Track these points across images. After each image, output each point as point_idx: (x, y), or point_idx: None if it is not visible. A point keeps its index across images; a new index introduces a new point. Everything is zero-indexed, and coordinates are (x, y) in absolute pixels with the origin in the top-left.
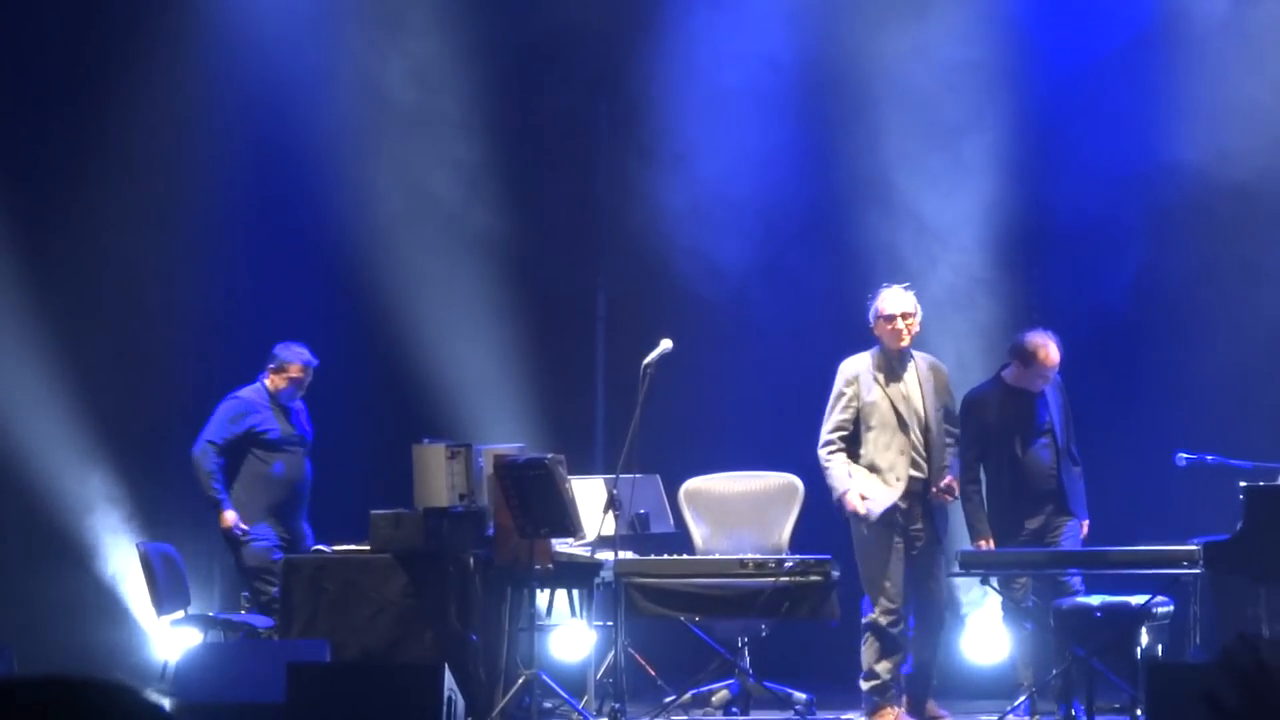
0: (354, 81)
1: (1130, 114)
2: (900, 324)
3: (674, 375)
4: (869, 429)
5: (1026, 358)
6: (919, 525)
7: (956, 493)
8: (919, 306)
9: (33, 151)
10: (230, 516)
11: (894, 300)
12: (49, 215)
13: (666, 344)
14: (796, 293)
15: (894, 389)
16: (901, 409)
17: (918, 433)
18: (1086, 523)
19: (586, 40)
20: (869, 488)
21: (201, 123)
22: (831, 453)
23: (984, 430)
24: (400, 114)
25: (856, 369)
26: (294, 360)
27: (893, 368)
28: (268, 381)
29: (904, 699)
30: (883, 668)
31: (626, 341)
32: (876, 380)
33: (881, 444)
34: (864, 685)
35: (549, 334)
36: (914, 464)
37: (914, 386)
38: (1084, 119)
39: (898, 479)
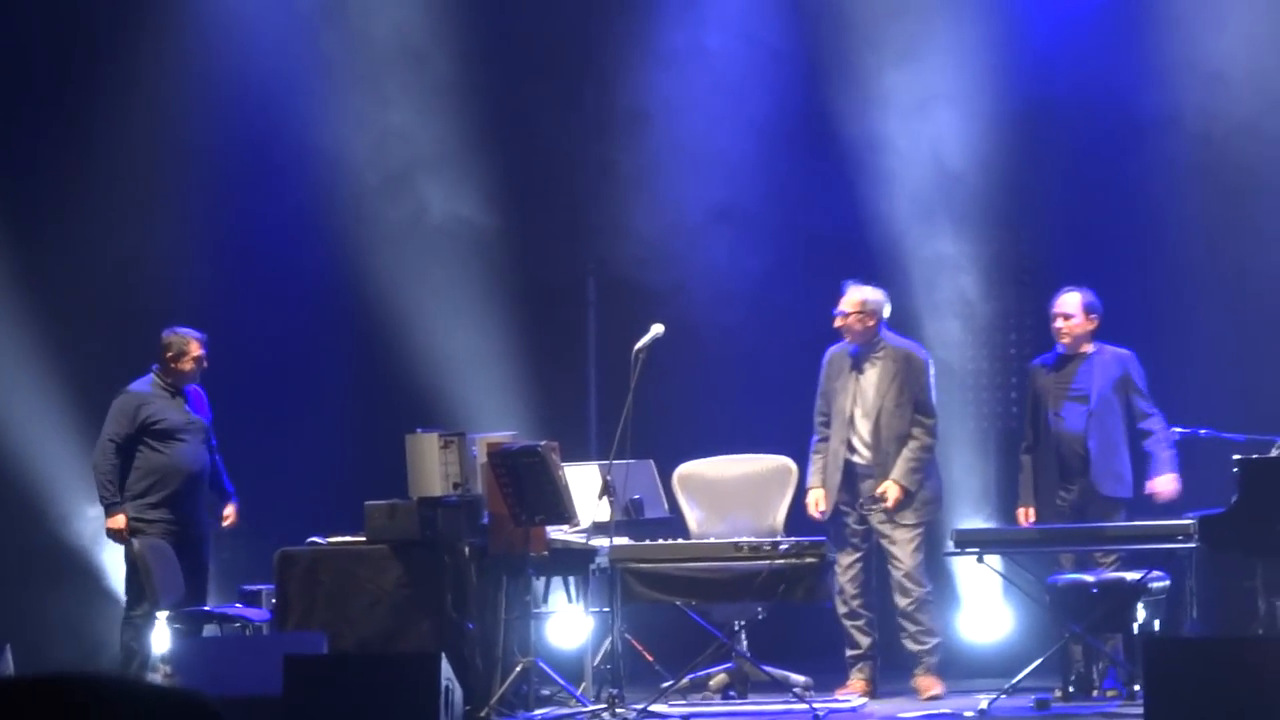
0: (339, 70)
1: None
2: (839, 320)
3: (665, 360)
4: (834, 418)
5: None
6: (876, 509)
7: (890, 503)
8: (866, 300)
9: (21, 150)
10: (121, 520)
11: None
12: (40, 216)
13: (658, 329)
14: (785, 276)
15: (853, 379)
16: (852, 400)
17: (864, 424)
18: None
19: (573, 24)
20: (823, 484)
21: (190, 117)
22: (814, 444)
23: (1032, 397)
24: (387, 102)
25: (828, 358)
26: (191, 339)
27: (856, 358)
28: (161, 373)
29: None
30: (849, 650)
31: (617, 327)
32: (841, 370)
33: (836, 434)
34: None
35: (540, 321)
36: (856, 452)
37: (872, 378)
38: (1075, 77)
39: (837, 469)
